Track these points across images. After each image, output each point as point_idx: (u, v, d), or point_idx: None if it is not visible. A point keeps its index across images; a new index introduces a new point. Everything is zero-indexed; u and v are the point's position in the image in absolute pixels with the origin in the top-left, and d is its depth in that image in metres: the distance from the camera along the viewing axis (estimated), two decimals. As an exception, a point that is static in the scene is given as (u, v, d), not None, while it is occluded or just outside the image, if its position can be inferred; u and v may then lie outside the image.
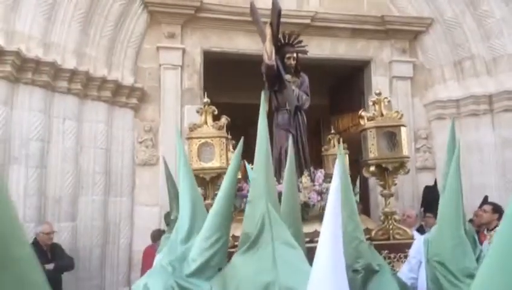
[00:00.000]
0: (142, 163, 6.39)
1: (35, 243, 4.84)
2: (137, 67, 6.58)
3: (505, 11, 6.71)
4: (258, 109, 3.28)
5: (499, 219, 4.52)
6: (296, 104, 4.30)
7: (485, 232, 4.58)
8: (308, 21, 6.91)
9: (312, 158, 4.52)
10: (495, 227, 4.34)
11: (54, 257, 4.93)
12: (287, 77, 4.38)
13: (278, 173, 4.08)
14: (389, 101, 4.27)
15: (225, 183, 2.26)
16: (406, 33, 7.32)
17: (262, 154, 2.22)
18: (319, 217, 3.61)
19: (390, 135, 4.10)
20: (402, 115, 4.21)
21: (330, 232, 1.74)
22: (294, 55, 4.47)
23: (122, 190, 6.21)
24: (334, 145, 5.15)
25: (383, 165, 4.07)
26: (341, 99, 8.25)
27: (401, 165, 4.08)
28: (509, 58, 6.77)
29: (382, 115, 4.16)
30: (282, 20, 4.35)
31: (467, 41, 7.03)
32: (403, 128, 4.13)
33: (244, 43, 6.87)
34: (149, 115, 6.57)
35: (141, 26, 6.57)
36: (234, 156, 2.45)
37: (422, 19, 7.23)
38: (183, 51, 6.72)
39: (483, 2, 6.81)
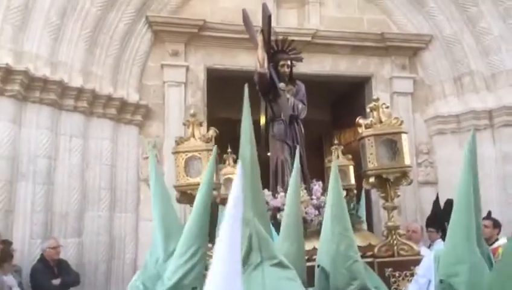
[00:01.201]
0: (147, 179, 6.46)
1: (42, 259, 4.90)
2: (142, 84, 6.71)
3: (503, 28, 6.83)
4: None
5: (499, 233, 4.57)
6: (291, 113, 4.10)
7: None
8: (309, 38, 7.03)
9: (316, 173, 4.49)
10: (494, 242, 4.38)
11: (60, 273, 4.98)
12: (281, 85, 4.18)
13: (274, 185, 3.98)
14: (387, 107, 3.95)
15: (199, 193, 2.14)
16: (406, 50, 7.45)
17: (247, 163, 1.98)
18: (318, 233, 3.34)
19: (390, 143, 3.77)
20: (402, 121, 3.85)
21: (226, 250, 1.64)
22: (288, 62, 4.30)
23: (127, 205, 6.29)
24: (338, 156, 4.88)
25: (384, 176, 3.74)
26: (343, 115, 8.33)
27: (403, 175, 3.75)
28: (507, 74, 6.87)
29: (381, 122, 3.81)
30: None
31: (466, 58, 7.14)
32: (403, 136, 3.77)
33: (246, 60, 6.99)
34: (153, 132, 6.67)
35: (146, 44, 6.72)
36: (208, 166, 2.34)
37: (421, 36, 7.36)
38: (187, 68, 6.85)
39: (482, 20, 6.93)
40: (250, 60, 6.91)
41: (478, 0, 6.86)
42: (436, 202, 6.36)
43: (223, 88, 7.23)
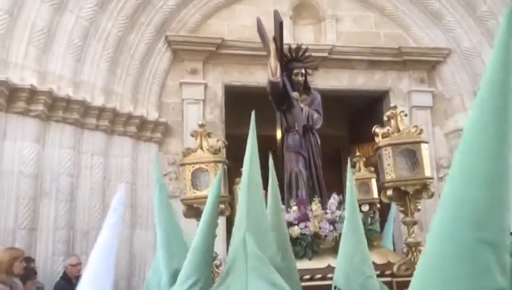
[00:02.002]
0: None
1: (65, 276, 4.96)
2: (161, 102, 6.83)
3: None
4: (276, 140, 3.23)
5: None
6: (305, 123, 3.92)
7: None
8: (325, 54, 7.07)
9: (334, 189, 4.41)
10: None
11: (81, 290, 5.02)
12: (294, 94, 4.01)
13: (288, 199, 3.83)
14: (405, 115, 3.71)
15: (205, 214, 2.01)
16: (424, 63, 7.42)
17: (246, 177, 1.90)
18: (332, 250, 3.33)
19: (409, 154, 3.51)
20: (421, 130, 3.57)
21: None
22: (303, 71, 4.13)
23: (148, 222, 6.34)
24: (360, 169, 4.62)
25: (402, 188, 3.48)
26: (361, 130, 8.29)
27: (423, 187, 3.47)
28: (529, 86, 6.77)
29: (399, 131, 3.55)
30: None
31: (486, 70, 7.07)
32: (423, 145, 3.49)
33: (263, 77, 7.04)
34: (173, 149, 6.75)
35: (165, 63, 6.85)
36: (214, 183, 2.19)
37: (439, 49, 7.33)
38: (205, 85, 6.95)
39: (500, 32, 6.88)
40: (267, 77, 6.99)
41: (497, 13, 6.82)
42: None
43: (240, 105, 7.30)
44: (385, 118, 3.71)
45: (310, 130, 4.00)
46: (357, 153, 4.98)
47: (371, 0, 7.43)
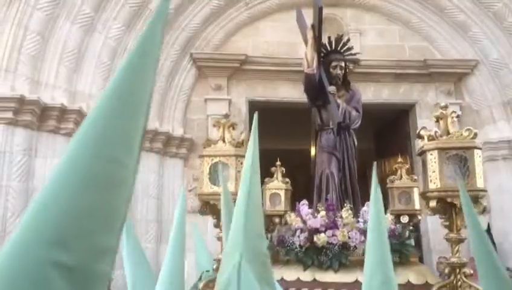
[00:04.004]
0: (191, 211, 6.58)
1: None
2: (186, 119, 6.93)
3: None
4: (301, 155, 3.13)
5: None
6: (340, 120, 3.60)
7: None
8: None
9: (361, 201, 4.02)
10: None
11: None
12: (331, 88, 3.71)
13: (316, 203, 3.64)
14: (457, 116, 3.30)
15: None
16: (450, 75, 7.30)
17: (244, 190, 1.68)
18: (362, 263, 3.09)
19: (460, 160, 3.07)
20: (475, 134, 3.10)
21: None
22: (342, 64, 3.85)
23: (173, 237, 6.39)
24: (402, 177, 4.22)
25: (449, 200, 3.02)
26: (387, 143, 8.21)
27: (474, 200, 2.98)
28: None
29: (448, 134, 3.12)
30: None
31: (515, 81, 6.92)
32: (476, 152, 3.02)
33: (287, 92, 7.09)
34: (197, 164, 6.80)
35: (190, 80, 6.97)
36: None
37: (466, 61, 7.20)
38: (229, 101, 7.02)
39: (529, 42, 6.73)
40: (291, 92, 7.03)
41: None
42: (488, 231, 6.07)
43: (264, 120, 7.34)
44: (433, 120, 3.28)
45: (347, 129, 3.73)
46: (399, 160, 4.56)
47: (395, 14, 7.40)
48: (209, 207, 3.21)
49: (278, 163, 4.54)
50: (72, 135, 5.01)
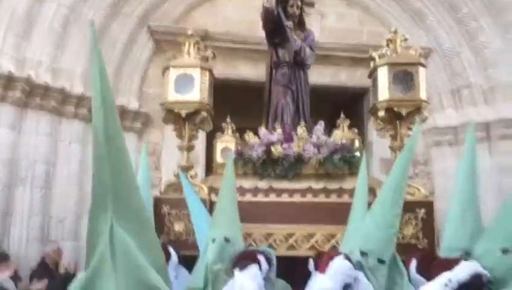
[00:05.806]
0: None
1: (43, 264, 4.80)
2: (142, 92, 6.81)
3: (501, 42, 6.87)
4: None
5: None
6: (297, 49, 3.84)
7: None
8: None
9: None
10: None
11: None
12: (289, 23, 3.90)
13: (272, 124, 3.86)
14: (405, 39, 3.66)
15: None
16: (404, 62, 7.49)
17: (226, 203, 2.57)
18: (315, 174, 3.37)
19: (406, 76, 3.44)
20: (421, 53, 3.57)
21: None
22: (298, 2, 4.03)
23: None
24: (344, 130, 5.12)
25: (395, 109, 3.40)
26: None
27: (416, 110, 3.42)
28: (505, 88, 6.89)
29: (397, 53, 3.54)
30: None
31: (465, 71, 7.18)
32: (421, 69, 3.43)
33: (246, 70, 7.07)
34: (153, 139, 6.74)
35: (147, 53, 6.83)
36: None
37: (420, 48, 7.38)
38: (188, 77, 6.94)
39: (481, 34, 6.98)
40: (251, 70, 7.02)
41: (477, 15, 6.91)
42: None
43: (224, 98, 7.31)
44: (384, 43, 3.72)
45: (301, 64, 3.93)
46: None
47: (355, -2, 7.48)
48: (172, 115, 3.48)
49: (228, 120, 5.14)
50: (19, 103, 4.84)
